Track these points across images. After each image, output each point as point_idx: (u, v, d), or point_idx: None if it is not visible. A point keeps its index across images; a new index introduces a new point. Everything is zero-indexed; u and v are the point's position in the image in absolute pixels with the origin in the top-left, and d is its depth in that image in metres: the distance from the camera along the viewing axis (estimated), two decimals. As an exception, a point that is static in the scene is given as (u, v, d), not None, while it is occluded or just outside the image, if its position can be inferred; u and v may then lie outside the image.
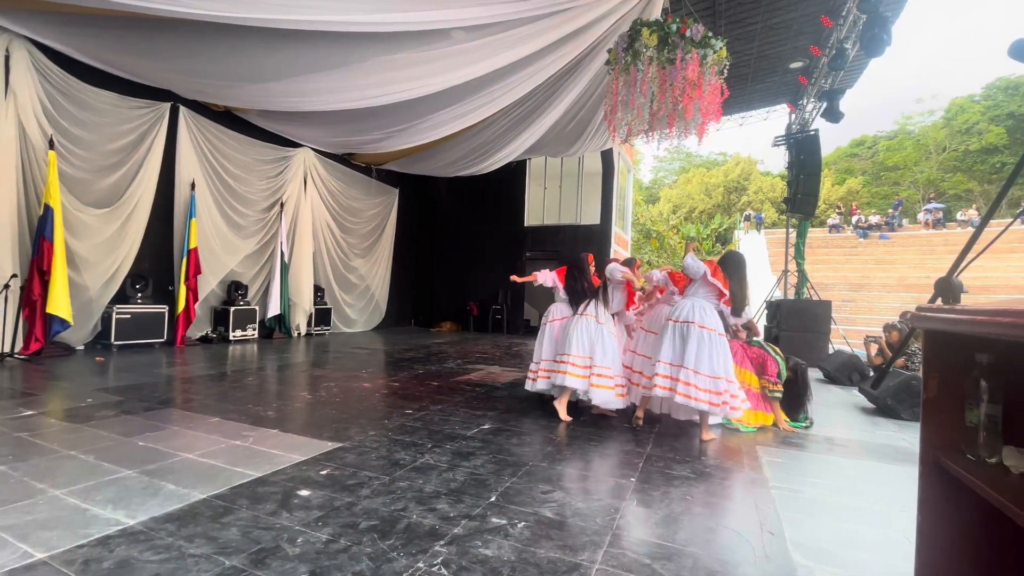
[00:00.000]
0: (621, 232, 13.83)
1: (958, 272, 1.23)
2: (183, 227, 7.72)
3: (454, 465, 2.79)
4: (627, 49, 5.04)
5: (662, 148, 5.82)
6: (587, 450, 3.23)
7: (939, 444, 1.14)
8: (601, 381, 3.93)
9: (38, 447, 2.80)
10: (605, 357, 3.98)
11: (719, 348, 3.57)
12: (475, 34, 5.59)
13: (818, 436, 3.89)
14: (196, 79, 6.73)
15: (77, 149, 6.45)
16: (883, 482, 2.93)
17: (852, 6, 6.81)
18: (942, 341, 1.13)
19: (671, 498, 2.47)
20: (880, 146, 34.25)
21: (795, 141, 9.90)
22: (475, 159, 10.29)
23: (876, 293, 15.45)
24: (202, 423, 3.46)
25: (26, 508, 2.04)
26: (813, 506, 2.48)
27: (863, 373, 6.52)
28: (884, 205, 27.51)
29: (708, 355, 3.53)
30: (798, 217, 10.31)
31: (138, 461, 2.64)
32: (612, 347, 4.05)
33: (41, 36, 5.78)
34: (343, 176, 11.22)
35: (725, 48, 4.98)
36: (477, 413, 4.12)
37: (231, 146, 8.52)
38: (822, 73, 8.62)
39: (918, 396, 4.65)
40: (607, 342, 4.03)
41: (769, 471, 2.97)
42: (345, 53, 5.81)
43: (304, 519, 2.04)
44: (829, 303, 8.96)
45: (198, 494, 2.24)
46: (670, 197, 36.68)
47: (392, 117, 7.92)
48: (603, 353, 3.98)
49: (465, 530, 2.00)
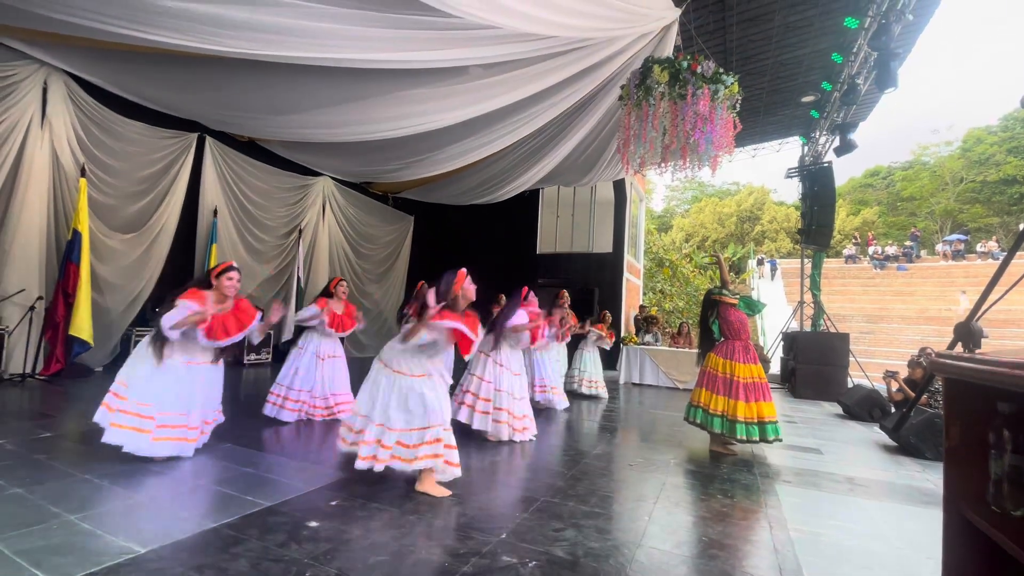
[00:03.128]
0: (633, 260, 13.83)
1: (978, 317, 1.22)
2: (204, 252, 7.90)
3: (463, 500, 2.76)
4: (639, 85, 5.15)
5: (675, 179, 5.88)
6: (598, 486, 3.17)
7: (963, 494, 1.11)
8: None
9: (55, 470, 2.84)
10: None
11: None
12: (492, 71, 5.76)
13: (839, 475, 3.78)
14: (222, 111, 7.00)
15: (107, 177, 6.69)
16: (907, 526, 2.83)
17: (863, 43, 6.91)
18: (963, 388, 1.11)
19: (687, 539, 2.41)
20: (895, 176, 34.11)
21: (808, 173, 9.93)
22: (490, 188, 10.45)
23: (895, 325, 15.16)
24: (215, 449, 3.47)
25: (41, 533, 2.06)
26: (834, 550, 2.40)
27: (884, 409, 6.34)
28: (900, 236, 27.22)
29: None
30: (813, 248, 10.25)
31: (151, 488, 2.65)
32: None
33: (77, 69, 6.09)
34: (360, 204, 11.45)
35: (737, 83, 5.07)
36: (489, 443, 4.09)
37: (253, 175, 8.78)
38: (834, 107, 8.69)
39: (941, 434, 4.52)
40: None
41: (789, 512, 2.89)
42: (365, 87, 6.01)
43: (313, 551, 2.03)
44: (847, 335, 8.82)
45: (209, 523, 2.24)
46: (683, 226, 36.70)
47: (409, 148, 8.11)
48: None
49: (475, 568, 1.97)
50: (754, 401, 4.06)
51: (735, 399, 4.04)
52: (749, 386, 4.09)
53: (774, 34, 7.54)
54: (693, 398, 4.32)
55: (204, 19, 4.34)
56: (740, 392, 4.05)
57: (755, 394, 4.08)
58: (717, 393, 4.13)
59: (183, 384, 3.16)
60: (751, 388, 4.09)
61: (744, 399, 4.04)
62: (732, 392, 4.07)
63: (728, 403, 4.07)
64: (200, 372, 3.27)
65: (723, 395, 4.10)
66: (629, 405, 6.78)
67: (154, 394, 3.07)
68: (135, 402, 3.04)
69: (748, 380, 4.10)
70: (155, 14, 4.26)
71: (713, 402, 4.13)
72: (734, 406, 4.03)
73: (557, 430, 4.99)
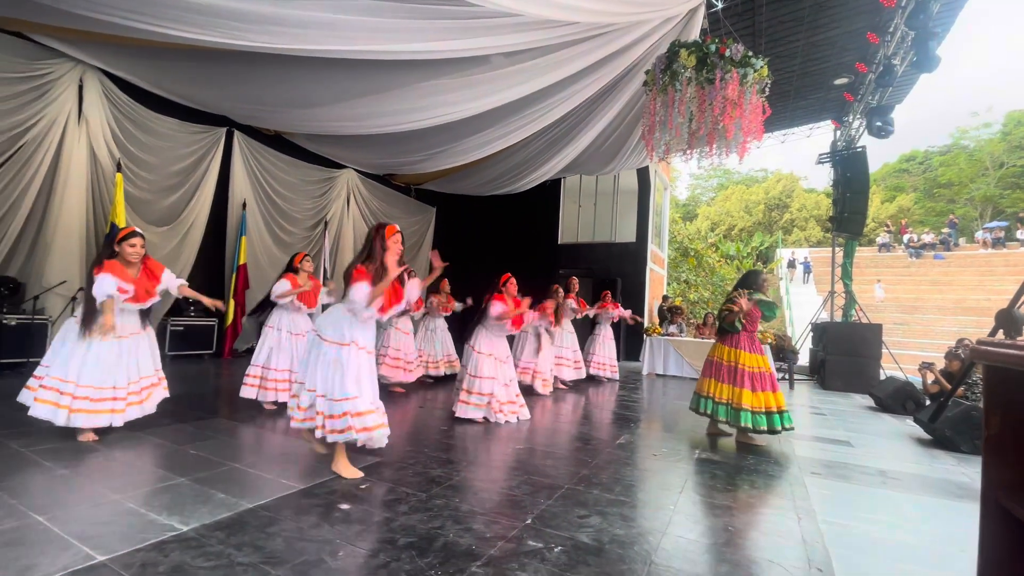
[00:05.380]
0: (657, 250, 13.66)
1: (1020, 303, 1.18)
2: (234, 244, 8.11)
3: (489, 485, 2.80)
4: (665, 70, 5.06)
5: (701, 167, 5.78)
6: (623, 475, 3.17)
7: (1002, 484, 1.08)
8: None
9: (99, 452, 2.98)
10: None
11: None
12: (514, 59, 5.72)
13: (870, 468, 3.70)
14: (249, 105, 7.14)
15: (141, 172, 6.91)
16: (942, 520, 2.76)
17: (900, 22, 6.63)
18: (1004, 376, 1.08)
19: (713, 528, 2.41)
20: (934, 160, 32.69)
21: (841, 158, 9.61)
22: (512, 178, 10.43)
23: (931, 316, 14.66)
24: (247, 433, 3.59)
25: (88, 512, 2.17)
26: (865, 543, 2.36)
27: (918, 402, 6.16)
28: (938, 223, 26.17)
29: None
30: (844, 236, 9.95)
31: (189, 469, 2.77)
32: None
33: (111, 67, 6.27)
34: (383, 195, 11.57)
35: (767, 67, 4.93)
36: (511, 433, 4.12)
37: (280, 168, 8.95)
38: (869, 90, 8.38)
39: (978, 427, 4.38)
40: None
41: (818, 504, 2.84)
42: (388, 79, 6.05)
43: (344, 532, 2.09)
44: (880, 326, 8.56)
45: (246, 503, 2.33)
46: (708, 214, 35.99)
47: (432, 139, 8.15)
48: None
49: (501, 552, 2.00)
50: (761, 391, 4.04)
51: (740, 387, 4.04)
52: (755, 375, 4.07)
53: (805, 14, 7.29)
54: (698, 387, 4.35)
55: (230, 14, 4.42)
56: (746, 381, 4.04)
57: (762, 383, 4.06)
58: (722, 381, 4.14)
59: (107, 356, 3.25)
60: (757, 377, 4.07)
61: (751, 388, 4.03)
62: (737, 380, 4.07)
63: (733, 391, 4.07)
64: (125, 344, 3.36)
65: (727, 383, 4.11)
66: (652, 395, 6.74)
67: (75, 369, 3.16)
68: (55, 378, 3.16)
69: (754, 369, 4.08)
70: (182, 10, 4.36)
71: (718, 390, 4.14)
72: (739, 394, 4.03)
73: (579, 419, 5.00)
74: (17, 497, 2.26)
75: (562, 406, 5.62)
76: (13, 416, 3.65)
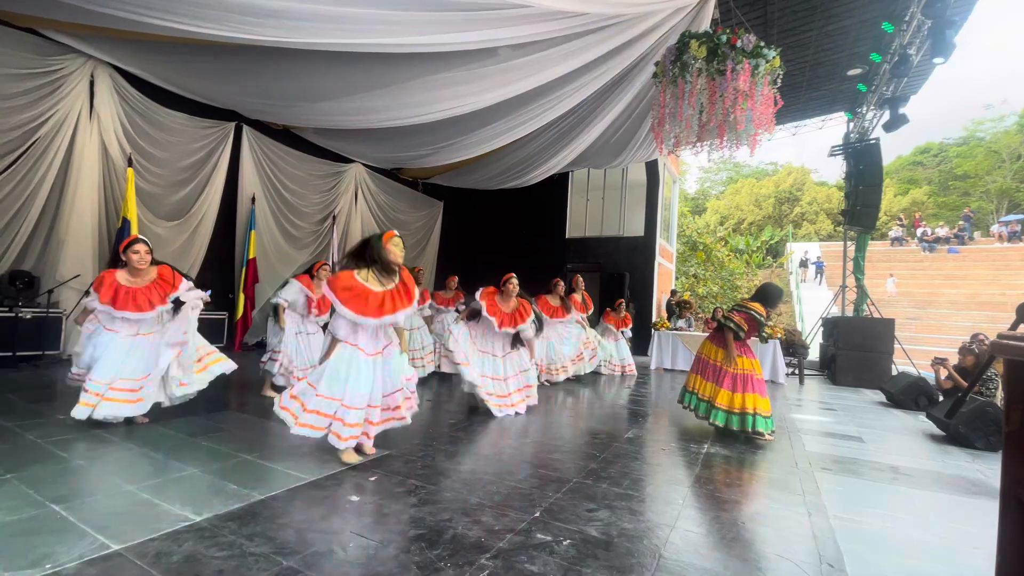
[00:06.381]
0: (666, 244, 13.57)
1: (1043, 296, 1.15)
2: (243, 239, 8.16)
3: (497, 478, 2.81)
4: (675, 62, 4.99)
5: (711, 159, 5.71)
6: (631, 469, 3.17)
7: (1022, 480, 1.06)
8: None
9: (113, 443, 3.02)
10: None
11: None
12: (522, 51, 5.68)
13: (882, 464, 3.66)
14: (258, 99, 7.16)
15: (152, 166, 6.96)
16: (955, 517, 2.73)
17: (916, 11, 6.50)
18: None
19: (722, 523, 2.39)
20: (950, 152, 32.13)
21: (853, 151, 9.48)
22: (518, 172, 10.39)
23: (944, 311, 14.47)
24: (257, 425, 3.63)
25: (103, 502, 2.20)
26: (877, 538, 2.34)
27: (931, 397, 6.09)
28: (953, 217, 25.78)
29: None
30: (857, 230, 9.83)
31: (202, 461, 2.80)
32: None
33: (122, 62, 6.32)
34: (391, 189, 11.59)
35: (779, 57, 4.85)
36: (522, 426, 4.13)
37: (288, 162, 8.98)
38: (883, 80, 8.24)
39: (993, 424, 4.32)
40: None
41: (829, 499, 2.82)
42: (395, 72, 6.03)
43: (354, 524, 2.10)
44: (892, 321, 8.47)
45: (257, 495, 2.35)
46: (717, 208, 35.68)
47: (439, 133, 8.13)
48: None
49: (510, 544, 2.01)
50: (741, 392, 4.07)
51: (720, 386, 4.13)
52: (739, 376, 4.11)
53: (818, 4, 7.16)
54: (686, 382, 4.47)
55: (239, 9, 4.42)
56: (726, 381, 4.11)
57: (744, 386, 4.09)
58: (706, 379, 4.29)
59: (117, 354, 3.39)
60: (740, 379, 4.11)
61: (730, 388, 4.09)
62: (719, 380, 4.17)
63: (713, 389, 4.18)
64: (139, 343, 3.49)
65: (711, 381, 4.25)
66: (661, 390, 6.72)
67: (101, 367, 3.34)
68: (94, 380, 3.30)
69: (740, 372, 4.12)
70: (191, 5, 4.38)
71: (701, 387, 4.29)
72: (716, 392, 4.13)
73: (587, 413, 5.00)
74: (34, 487, 2.29)
75: (570, 400, 5.62)
76: (29, 408, 3.71)
